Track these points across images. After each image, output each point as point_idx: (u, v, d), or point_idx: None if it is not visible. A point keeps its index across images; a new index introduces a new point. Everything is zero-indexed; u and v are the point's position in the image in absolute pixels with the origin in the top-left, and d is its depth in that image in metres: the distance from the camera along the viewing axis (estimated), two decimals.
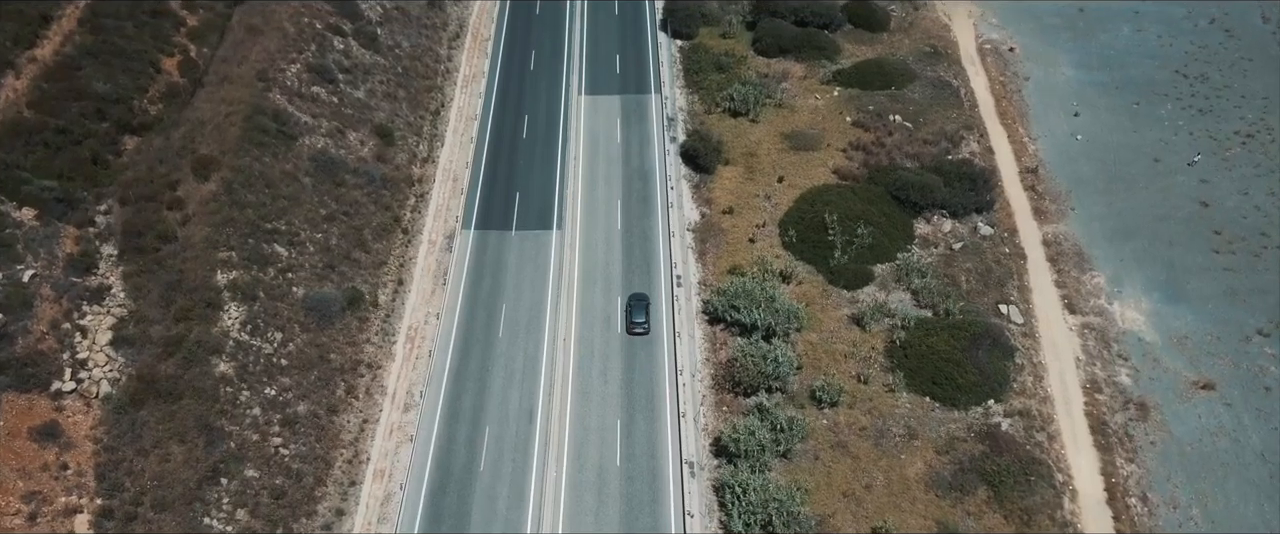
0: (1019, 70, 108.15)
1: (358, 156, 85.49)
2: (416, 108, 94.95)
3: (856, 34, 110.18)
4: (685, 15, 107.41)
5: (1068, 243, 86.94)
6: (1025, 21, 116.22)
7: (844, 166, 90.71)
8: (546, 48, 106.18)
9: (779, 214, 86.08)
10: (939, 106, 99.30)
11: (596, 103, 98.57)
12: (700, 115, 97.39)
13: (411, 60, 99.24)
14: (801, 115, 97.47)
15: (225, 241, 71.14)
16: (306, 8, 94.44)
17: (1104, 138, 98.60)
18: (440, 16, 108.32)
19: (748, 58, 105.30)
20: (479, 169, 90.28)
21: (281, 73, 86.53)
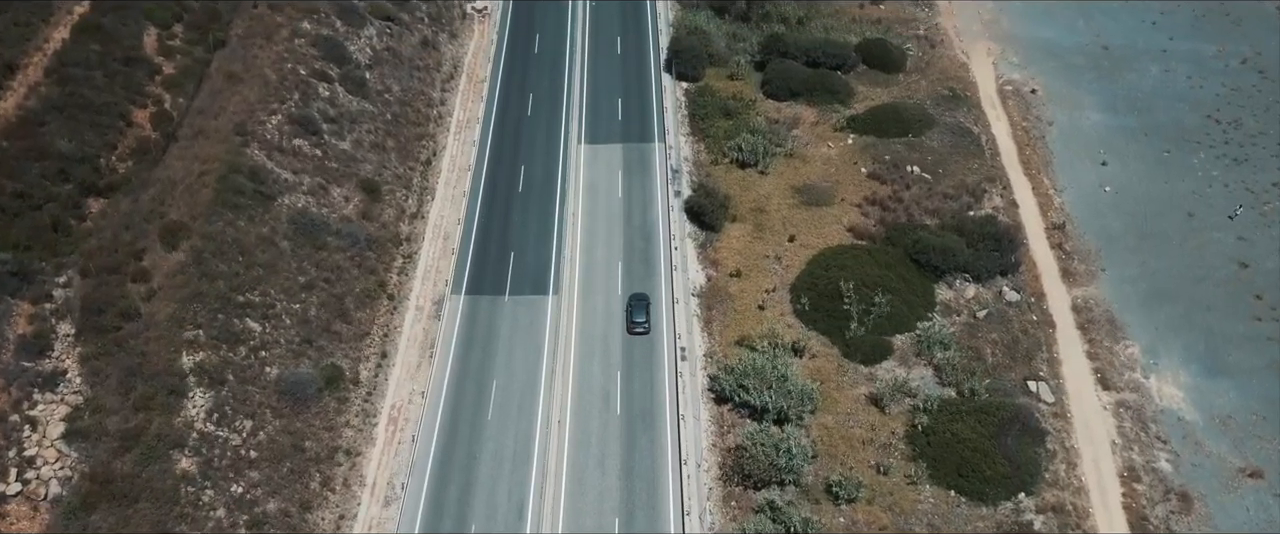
0: (1042, 114, 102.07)
1: (341, 215, 79.67)
2: (406, 158, 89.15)
3: (871, 75, 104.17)
4: (691, 56, 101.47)
5: (1099, 308, 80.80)
6: (1047, 60, 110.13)
7: (859, 224, 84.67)
8: (545, 90, 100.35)
9: (790, 277, 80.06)
10: (959, 155, 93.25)
11: (597, 152, 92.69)
12: (706, 166, 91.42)
13: (402, 105, 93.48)
14: (813, 166, 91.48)
15: (192, 319, 65.32)
16: (291, 52, 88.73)
17: (1134, 189, 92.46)
18: (434, 56, 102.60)
19: (757, 102, 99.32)
20: (471, 226, 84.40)
21: (261, 125, 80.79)
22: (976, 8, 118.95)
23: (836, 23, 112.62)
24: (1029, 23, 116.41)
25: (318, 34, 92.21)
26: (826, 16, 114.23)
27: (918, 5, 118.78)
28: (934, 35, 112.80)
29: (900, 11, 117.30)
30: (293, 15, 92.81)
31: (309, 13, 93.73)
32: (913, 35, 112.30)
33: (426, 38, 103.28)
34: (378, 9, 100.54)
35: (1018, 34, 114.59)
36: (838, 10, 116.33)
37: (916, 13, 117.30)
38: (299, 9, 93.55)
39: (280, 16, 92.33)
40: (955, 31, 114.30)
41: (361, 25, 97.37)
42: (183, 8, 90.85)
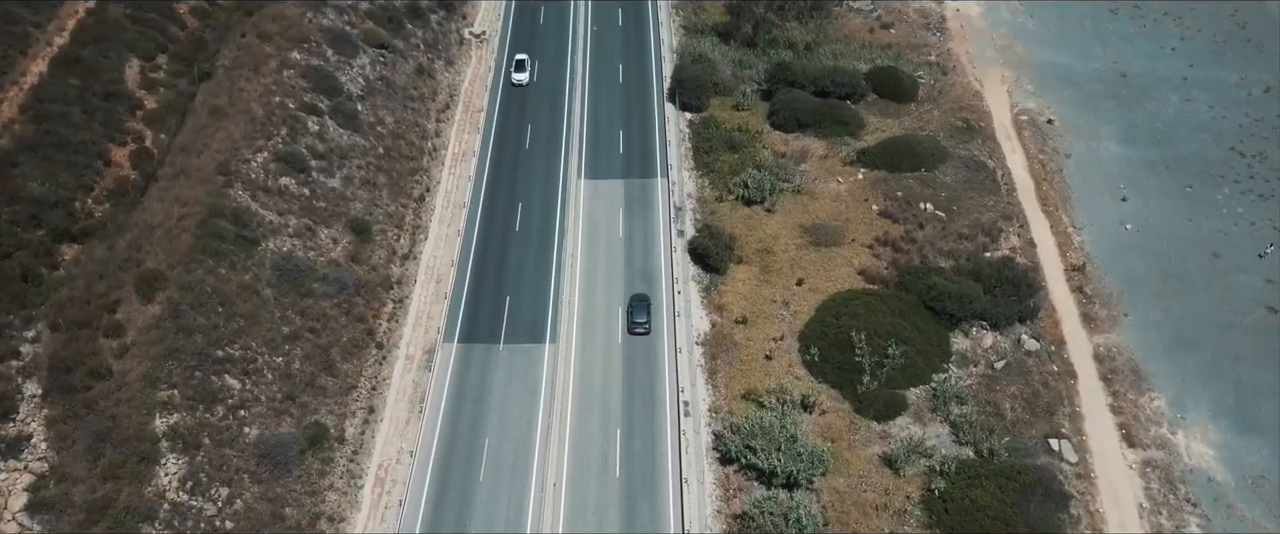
0: (1059, 145, 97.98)
1: (329, 259, 75.81)
2: (398, 194, 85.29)
3: (882, 105, 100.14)
4: (695, 85, 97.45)
5: (1122, 357, 76.67)
6: (1063, 88, 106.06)
7: (871, 267, 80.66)
8: (544, 121, 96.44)
9: (799, 324, 76.06)
10: (974, 191, 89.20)
11: (597, 188, 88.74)
12: (710, 203, 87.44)
13: (395, 138, 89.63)
14: (822, 203, 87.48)
15: (167, 378, 61.43)
16: (279, 85, 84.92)
17: (1156, 227, 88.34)
18: (429, 85, 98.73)
19: (763, 133, 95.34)
20: (466, 268, 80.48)
21: (246, 164, 76.97)
22: (990, 33, 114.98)
23: (846, 48, 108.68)
24: (1044, 48, 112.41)
25: (308, 65, 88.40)
26: (835, 41, 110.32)
27: (929, 29, 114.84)
28: (946, 61, 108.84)
29: (911, 36, 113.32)
30: (282, 45, 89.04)
31: (299, 42, 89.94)
32: (924, 61, 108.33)
33: (422, 65, 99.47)
34: (372, 36, 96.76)
35: (1032, 60, 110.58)
36: (847, 34, 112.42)
37: (928, 37, 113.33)
38: (289, 38, 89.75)
39: (269, 46, 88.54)
40: (968, 57, 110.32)
41: (354, 54, 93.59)
42: (168, 37, 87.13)
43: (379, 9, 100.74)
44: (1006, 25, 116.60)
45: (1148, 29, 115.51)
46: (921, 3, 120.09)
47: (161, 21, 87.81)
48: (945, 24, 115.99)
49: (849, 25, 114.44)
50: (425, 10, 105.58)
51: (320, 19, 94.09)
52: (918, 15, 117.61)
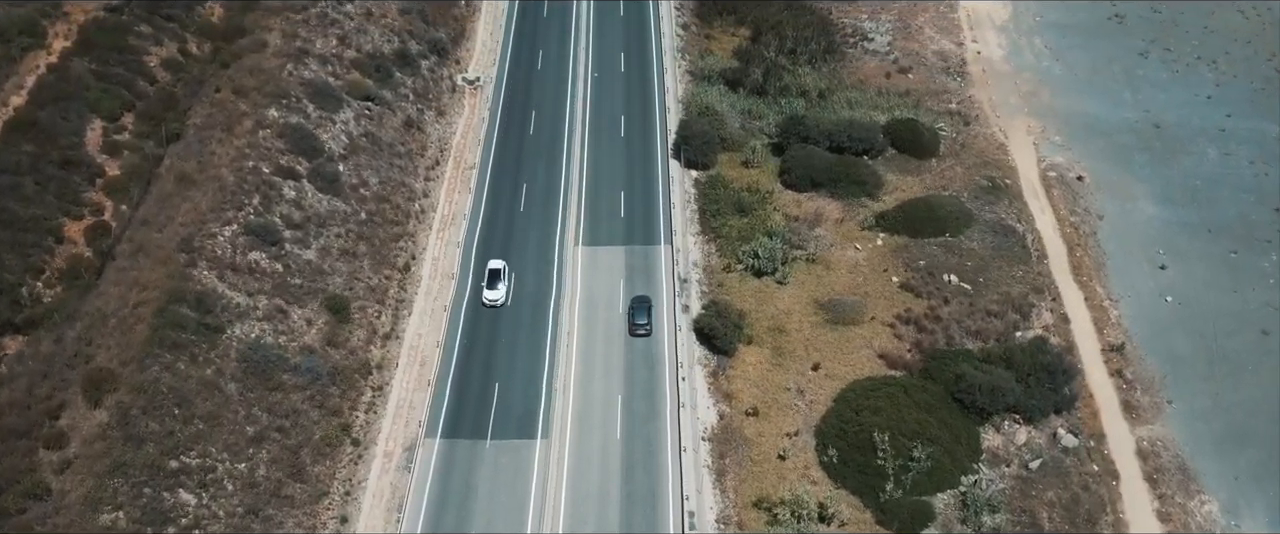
0: (1091, 205, 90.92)
1: (302, 344, 69.03)
2: (381, 265, 78.51)
3: (901, 161, 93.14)
4: (701, 141, 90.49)
5: (1168, 453, 69.59)
6: (1093, 140, 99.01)
7: (892, 350, 73.71)
8: (540, 179, 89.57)
9: (815, 417, 69.09)
10: (1002, 260, 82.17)
11: (596, 257, 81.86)
12: (718, 273, 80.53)
13: (379, 201, 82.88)
14: (838, 274, 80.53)
15: (112, 498, 54.63)
16: (253, 147, 78.22)
17: (1199, 299, 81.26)
18: (418, 139, 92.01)
19: (774, 194, 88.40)
20: (452, 350, 73.59)
21: (212, 239, 70.26)
22: (1014, 77, 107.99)
23: (862, 96, 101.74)
24: (1071, 95, 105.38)
25: (286, 123, 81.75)
26: (850, 88, 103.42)
27: (949, 74, 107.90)
28: (968, 109, 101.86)
29: (930, 82, 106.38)
30: (259, 101, 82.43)
31: (277, 98, 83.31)
32: (945, 110, 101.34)
33: (410, 118, 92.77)
34: (357, 88, 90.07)
35: (1059, 108, 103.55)
36: (862, 80, 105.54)
37: (948, 83, 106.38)
38: (267, 94, 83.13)
39: (245, 103, 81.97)
40: (991, 105, 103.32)
41: (337, 108, 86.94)
42: (135, 94, 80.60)
43: (366, 58, 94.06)
44: (1031, 69, 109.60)
45: (1180, 74, 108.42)
46: (940, 44, 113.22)
47: (129, 76, 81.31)
48: (966, 68, 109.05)
49: (864, 69, 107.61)
50: (416, 57, 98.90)
51: (302, 71, 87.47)
52: (936, 57, 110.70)
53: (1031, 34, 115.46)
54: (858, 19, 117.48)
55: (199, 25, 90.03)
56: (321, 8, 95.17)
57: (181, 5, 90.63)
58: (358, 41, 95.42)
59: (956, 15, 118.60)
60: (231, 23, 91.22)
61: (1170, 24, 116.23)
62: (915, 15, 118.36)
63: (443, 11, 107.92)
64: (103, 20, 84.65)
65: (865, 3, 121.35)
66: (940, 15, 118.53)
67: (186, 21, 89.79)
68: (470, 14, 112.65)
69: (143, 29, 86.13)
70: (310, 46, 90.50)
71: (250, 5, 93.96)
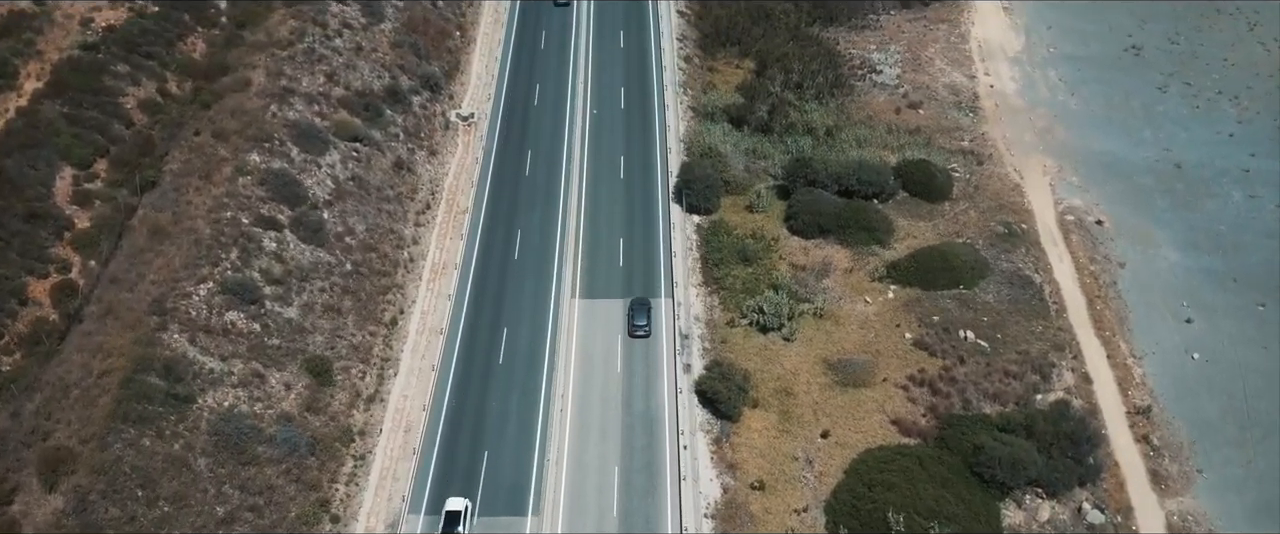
0: (1111, 252, 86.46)
1: (279, 411, 64.62)
2: (366, 320, 74.17)
3: (913, 205, 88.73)
4: (704, 185, 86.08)
5: (1200, 529, 64.99)
6: (1111, 181, 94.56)
7: (905, 415, 69.25)
8: (536, 225, 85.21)
9: (824, 491, 64.58)
10: (1020, 315, 77.75)
11: (593, 310, 77.45)
12: (721, 328, 76.13)
13: (366, 251, 78.56)
14: (848, 329, 76.12)
15: None
16: (232, 196, 73.93)
17: (1227, 356, 76.74)
18: (408, 181, 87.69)
19: (780, 240, 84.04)
20: (439, 413, 69.12)
21: (186, 299, 65.93)
22: (1028, 113, 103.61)
23: (871, 133, 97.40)
24: (1088, 132, 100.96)
25: (268, 168, 77.48)
26: (859, 124, 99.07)
27: (961, 109, 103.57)
28: (981, 148, 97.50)
29: (941, 117, 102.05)
30: (240, 145, 78.20)
31: (259, 141, 79.06)
32: (957, 148, 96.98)
33: (401, 159, 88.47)
34: (344, 128, 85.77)
35: (1076, 146, 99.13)
36: (871, 115, 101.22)
37: (960, 119, 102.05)
38: (248, 137, 78.89)
39: (225, 148, 77.75)
40: (1005, 142, 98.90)
41: (323, 151, 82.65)
42: (109, 139, 76.41)
43: (355, 96, 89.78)
44: (1045, 104, 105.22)
45: (1201, 110, 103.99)
46: (951, 76, 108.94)
47: (104, 120, 77.12)
48: (978, 102, 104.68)
49: (873, 104, 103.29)
50: (407, 93, 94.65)
51: (286, 112, 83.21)
52: (948, 91, 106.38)
53: (1045, 66, 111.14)
54: (866, 49, 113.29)
55: (180, 63, 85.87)
56: (309, 43, 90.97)
57: (162, 42, 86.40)
58: (346, 78, 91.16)
59: (968, 46, 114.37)
60: (214, 60, 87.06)
61: (1189, 57, 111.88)
62: (925, 45, 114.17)
63: (436, 44, 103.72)
64: (78, 59, 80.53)
65: (873, 32, 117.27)
66: (951, 46, 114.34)
67: (167, 59, 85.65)
68: (465, 45, 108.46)
69: (120, 68, 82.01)
70: (296, 85, 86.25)
71: (234, 41, 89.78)
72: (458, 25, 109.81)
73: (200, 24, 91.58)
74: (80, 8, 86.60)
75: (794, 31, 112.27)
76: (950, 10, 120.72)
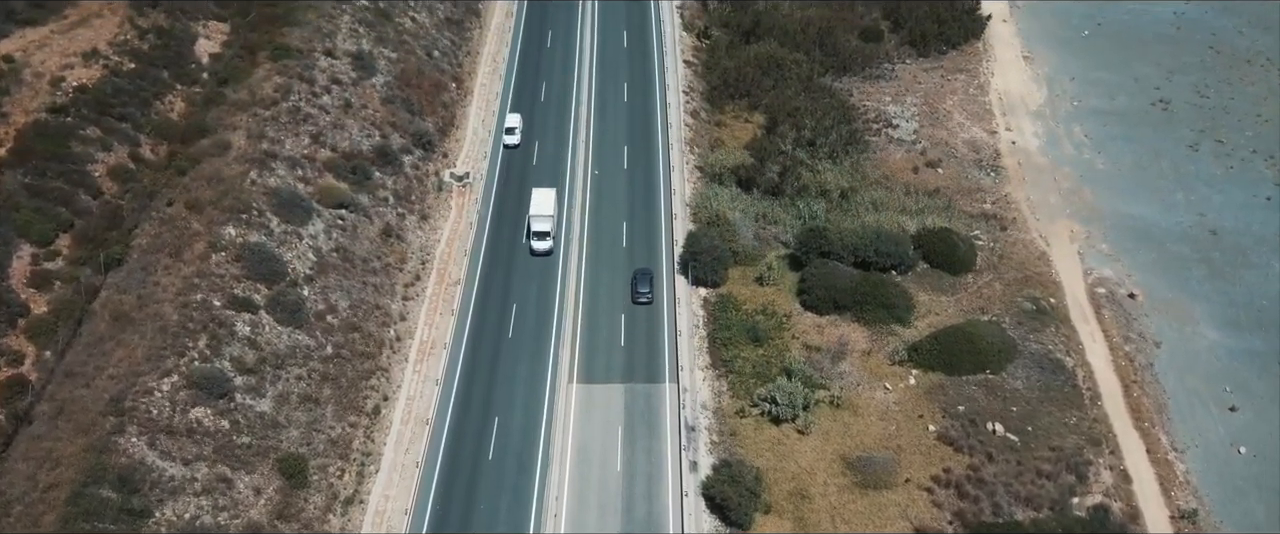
0: (1146, 329, 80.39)
1: (247, 520, 58.56)
2: (347, 410, 68.19)
3: (934, 277, 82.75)
4: (711, 256, 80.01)
5: None
6: (1143, 249, 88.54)
7: (931, 523, 62.97)
8: (533, 299, 79.32)
9: None
10: (1052, 403, 71.64)
11: (592, 396, 71.38)
12: (730, 418, 70.07)
13: (349, 331, 72.71)
14: (867, 420, 70.03)
15: None
16: (204, 276, 68.13)
17: (1276, 451, 70.56)
18: (397, 250, 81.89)
19: (792, 317, 78.10)
20: (422, 521, 62.96)
21: (147, 396, 60.04)
22: (1053, 172, 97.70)
23: (888, 195, 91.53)
24: (1116, 194, 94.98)
25: (245, 242, 71.75)
26: (875, 185, 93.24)
27: (982, 168, 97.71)
28: (1004, 211, 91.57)
29: (962, 177, 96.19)
30: (215, 217, 72.51)
31: (236, 212, 73.37)
32: (979, 211, 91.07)
33: (389, 225, 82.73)
34: (329, 194, 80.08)
35: (1104, 210, 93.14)
36: (888, 174, 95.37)
37: (981, 179, 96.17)
38: (224, 208, 73.23)
39: (199, 221, 72.06)
40: (1029, 205, 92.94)
41: (306, 220, 76.92)
42: (75, 211, 70.74)
43: (341, 158, 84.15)
44: (1070, 163, 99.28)
45: (1235, 171, 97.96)
46: (971, 132, 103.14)
47: (69, 190, 71.51)
48: (1000, 160, 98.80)
49: (890, 162, 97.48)
50: (398, 153, 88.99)
51: (267, 178, 77.58)
52: (967, 148, 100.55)
53: (1070, 121, 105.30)
54: (881, 101, 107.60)
55: (155, 125, 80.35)
56: (294, 102, 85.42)
57: (137, 102, 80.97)
58: (333, 139, 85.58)
59: (987, 98, 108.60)
60: (192, 121, 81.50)
61: (1220, 112, 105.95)
62: (943, 97, 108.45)
63: (431, 98, 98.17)
64: (45, 123, 75.03)
65: (888, 82, 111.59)
66: (970, 98, 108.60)
67: (142, 121, 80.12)
68: (461, 98, 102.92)
69: (90, 131, 76.50)
70: (279, 148, 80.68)
71: (215, 100, 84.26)
72: (454, 77, 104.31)
73: (180, 81, 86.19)
74: (52, 66, 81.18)
75: (805, 82, 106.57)
76: (968, 60, 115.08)
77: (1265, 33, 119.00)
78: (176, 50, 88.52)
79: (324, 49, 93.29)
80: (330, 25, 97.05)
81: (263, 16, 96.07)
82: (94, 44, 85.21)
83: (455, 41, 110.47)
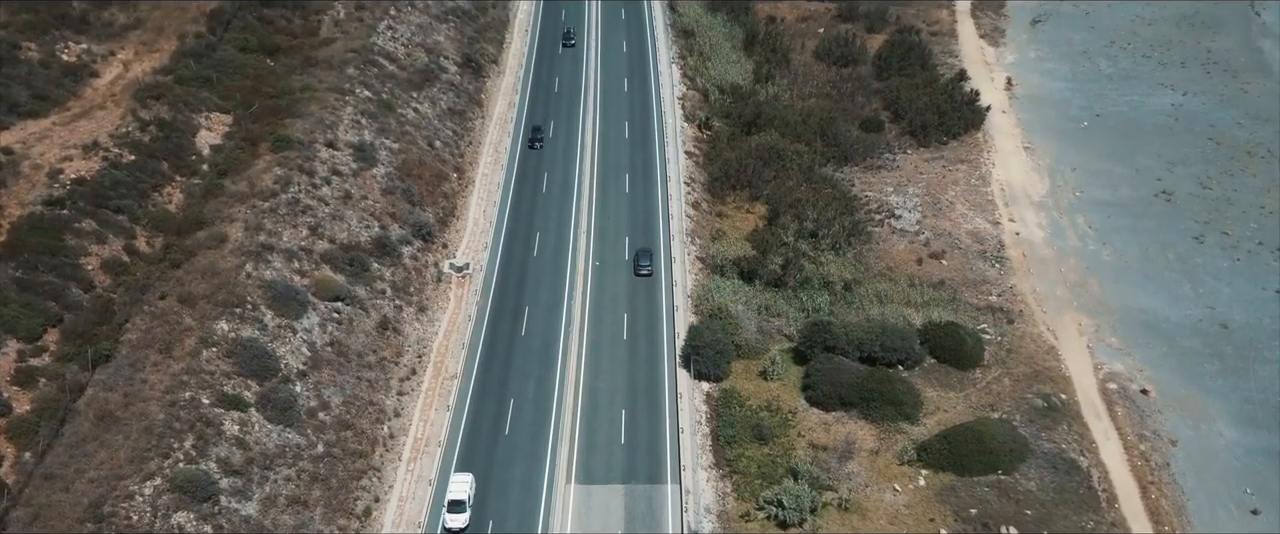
0: (1161, 427, 77.47)
1: None
2: (336, 513, 65.05)
3: (941, 372, 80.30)
4: (714, 350, 77.82)
5: None
6: (1153, 342, 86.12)
7: None
8: (530, 395, 76.75)
9: None
10: (1067, 507, 68.50)
11: (591, 498, 68.21)
12: (734, 521, 66.84)
13: (341, 428, 70.02)
14: (876, 525, 66.72)
15: None
16: (193, 373, 65.77)
17: None
18: (393, 344, 79.68)
19: (797, 413, 75.47)
20: None
21: (128, 500, 57.16)
22: (1058, 264, 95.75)
23: (892, 288, 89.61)
24: (1124, 286, 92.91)
25: (237, 337, 69.62)
26: (878, 277, 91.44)
27: (986, 259, 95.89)
28: (1011, 304, 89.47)
29: (966, 269, 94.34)
30: (208, 312, 70.51)
31: (230, 306, 71.39)
32: (985, 304, 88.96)
33: (386, 318, 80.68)
34: (326, 287, 78.20)
35: (1111, 302, 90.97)
36: (892, 266, 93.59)
37: (986, 270, 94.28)
38: (218, 303, 71.26)
39: (190, 315, 70.05)
40: (1036, 298, 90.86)
41: (301, 314, 74.91)
42: (65, 305, 68.76)
43: (339, 250, 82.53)
44: (1075, 254, 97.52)
45: (1242, 262, 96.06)
46: (974, 222, 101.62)
47: (60, 284, 69.65)
48: (1004, 251, 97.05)
49: (893, 253, 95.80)
50: (397, 243, 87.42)
51: (263, 271, 75.76)
52: (971, 239, 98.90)
53: (1073, 212, 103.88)
54: (883, 191, 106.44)
55: (152, 217, 78.90)
56: (293, 193, 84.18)
57: (135, 194, 79.71)
58: (331, 231, 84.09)
59: (989, 189, 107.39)
60: (190, 213, 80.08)
61: (1224, 203, 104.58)
62: (945, 188, 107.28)
63: (432, 188, 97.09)
64: (39, 216, 73.59)
65: (890, 172, 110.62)
66: (972, 188, 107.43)
67: (138, 213, 78.70)
68: (463, 188, 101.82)
69: (85, 224, 75.00)
70: (276, 240, 79.08)
71: (214, 191, 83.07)
72: (455, 167, 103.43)
73: (179, 172, 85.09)
74: (51, 157, 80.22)
75: (807, 173, 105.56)
76: (969, 150, 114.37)
77: (1264, 125, 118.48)
78: (177, 142, 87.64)
79: (325, 140, 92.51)
80: (333, 116, 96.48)
81: (266, 108, 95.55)
82: (95, 135, 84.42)
83: (458, 132, 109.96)
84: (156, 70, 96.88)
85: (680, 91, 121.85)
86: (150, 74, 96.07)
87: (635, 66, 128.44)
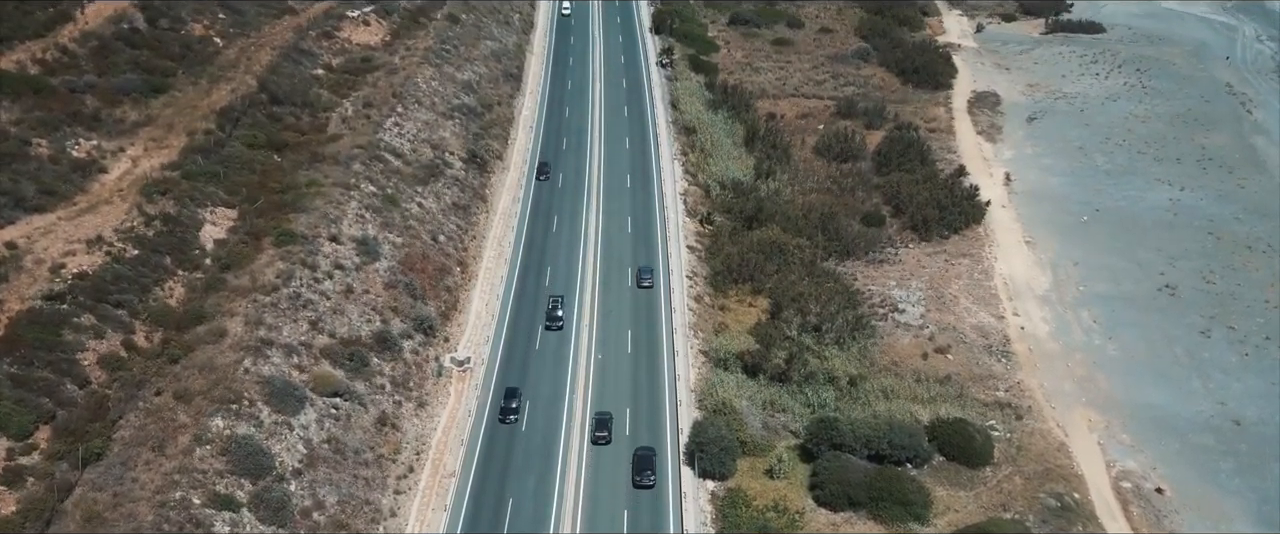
0: (1178, 528, 74.63)
1: None
2: None
3: (950, 470, 77.70)
4: (718, 447, 75.40)
5: None
6: (1166, 440, 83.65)
7: None
8: (530, 495, 73.55)
9: None
10: None
11: None
12: None
13: (335, 528, 67.01)
14: None
15: None
16: (186, 472, 63.36)
17: None
18: (391, 440, 77.31)
19: (805, 514, 72.62)
20: None
21: None
22: (1065, 359, 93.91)
23: (898, 383, 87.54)
24: (1132, 382, 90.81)
25: (232, 435, 67.43)
26: (883, 372, 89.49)
27: (992, 354, 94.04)
28: (1018, 399, 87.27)
29: (972, 363, 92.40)
30: (203, 408, 68.49)
31: (226, 403, 69.36)
32: (993, 400, 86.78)
33: (385, 414, 78.53)
34: (324, 382, 76.23)
35: (1121, 398, 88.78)
36: (897, 361, 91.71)
37: (992, 365, 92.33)
38: (214, 399, 69.25)
39: (186, 412, 68.02)
40: (1043, 393, 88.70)
41: (298, 410, 72.83)
42: (58, 402, 66.82)
43: (340, 344, 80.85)
44: (1081, 349, 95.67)
45: (1251, 358, 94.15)
46: (979, 317, 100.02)
47: (55, 380, 67.83)
48: (1010, 346, 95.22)
49: (897, 347, 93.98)
50: (398, 338, 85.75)
51: (261, 367, 73.94)
52: (976, 333, 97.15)
53: (1077, 307, 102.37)
54: (886, 285, 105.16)
55: (152, 312, 77.48)
56: (295, 288, 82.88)
57: (136, 288, 78.46)
58: (332, 325, 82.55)
59: (992, 283, 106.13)
60: (190, 307, 78.69)
61: (1228, 297, 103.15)
62: (948, 282, 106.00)
63: (434, 282, 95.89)
64: (38, 311, 72.15)
65: (892, 266, 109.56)
66: (975, 282, 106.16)
67: (139, 307, 77.32)
68: (466, 282, 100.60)
69: (84, 319, 73.50)
70: (276, 335, 77.47)
71: (216, 286, 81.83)
72: (459, 261, 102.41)
73: (182, 267, 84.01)
74: (54, 252, 79.21)
75: (809, 267, 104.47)
76: (971, 244, 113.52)
77: (1263, 220, 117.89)
78: (181, 236, 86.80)
79: (329, 234, 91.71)
80: (337, 211, 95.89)
81: (270, 203, 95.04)
82: (99, 230, 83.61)
83: (462, 226, 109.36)
84: (164, 166, 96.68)
85: (682, 187, 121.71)
86: (158, 170, 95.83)
87: (638, 162, 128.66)
